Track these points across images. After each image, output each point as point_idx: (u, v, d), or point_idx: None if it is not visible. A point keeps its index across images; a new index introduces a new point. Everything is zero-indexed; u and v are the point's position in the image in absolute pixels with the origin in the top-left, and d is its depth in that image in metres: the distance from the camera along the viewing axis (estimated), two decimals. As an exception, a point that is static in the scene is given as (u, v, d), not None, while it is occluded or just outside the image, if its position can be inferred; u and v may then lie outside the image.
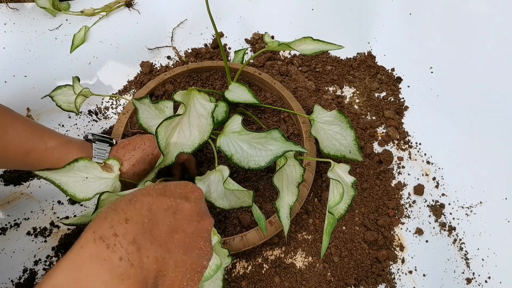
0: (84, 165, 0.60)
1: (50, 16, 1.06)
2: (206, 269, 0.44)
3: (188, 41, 1.10)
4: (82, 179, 0.60)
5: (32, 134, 0.62)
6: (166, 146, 0.61)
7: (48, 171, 0.58)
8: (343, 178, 0.61)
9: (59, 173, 0.58)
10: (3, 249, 0.76)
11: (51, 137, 0.64)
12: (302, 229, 0.79)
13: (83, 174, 0.60)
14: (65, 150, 0.64)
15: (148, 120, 0.71)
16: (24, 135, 0.61)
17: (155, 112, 0.70)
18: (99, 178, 0.61)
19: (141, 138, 0.70)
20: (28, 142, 0.61)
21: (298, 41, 0.68)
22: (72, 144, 0.65)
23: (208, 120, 0.61)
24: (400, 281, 0.77)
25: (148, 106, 0.70)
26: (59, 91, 0.83)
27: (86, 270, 0.33)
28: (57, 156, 0.63)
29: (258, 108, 0.87)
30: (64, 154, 0.64)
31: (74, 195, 0.59)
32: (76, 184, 0.60)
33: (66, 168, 0.58)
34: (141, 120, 0.70)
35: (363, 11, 1.11)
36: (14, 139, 0.60)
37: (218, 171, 0.61)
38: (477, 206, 0.85)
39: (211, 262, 0.53)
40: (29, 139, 0.61)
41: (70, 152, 0.64)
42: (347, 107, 0.99)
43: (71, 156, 0.64)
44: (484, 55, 0.95)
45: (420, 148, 0.93)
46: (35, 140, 0.62)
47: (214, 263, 0.56)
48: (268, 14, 1.15)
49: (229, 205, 0.64)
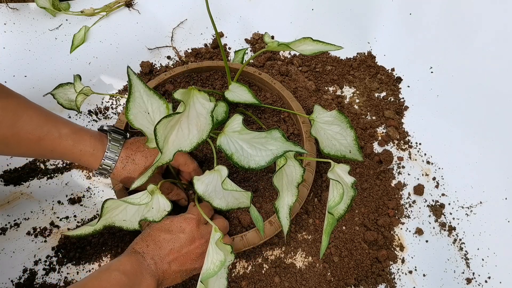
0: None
1: (50, 16, 1.06)
2: (196, 271, 0.64)
3: (188, 41, 1.10)
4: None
5: (45, 121, 0.62)
6: (165, 144, 0.61)
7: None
8: (343, 178, 0.61)
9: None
10: (3, 249, 0.76)
11: (65, 124, 0.64)
12: (302, 229, 0.79)
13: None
14: (78, 137, 0.64)
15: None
16: (37, 122, 0.61)
17: None
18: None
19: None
20: (42, 128, 0.61)
21: (298, 41, 0.68)
22: (85, 132, 0.66)
23: (208, 120, 0.61)
24: (400, 281, 0.77)
25: None
26: (60, 89, 0.83)
27: (136, 264, 0.58)
28: (71, 143, 0.64)
29: (258, 108, 0.87)
30: (77, 141, 0.64)
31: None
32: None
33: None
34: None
35: (363, 11, 1.11)
36: (27, 125, 0.60)
37: (217, 171, 0.61)
38: (477, 206, 0.85)
39: (215, 258, 0.56)
40: (42, 126, 0.62)
41: (83, 139, 0.65)
42: (347, 107, 0.99)
43: (83, 144, 0.64)
44: (484, 55, 0.95)
45: (420, 148, 0.93)
46: (48, 126, 0.62)
47: (218, 259, 0.56)
48: (268, 14, 1.15)
49: (227, 206, 0.63)
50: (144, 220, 0.61)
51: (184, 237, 0.62)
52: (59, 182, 0.85)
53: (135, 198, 0.60)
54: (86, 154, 0.65)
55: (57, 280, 0.74)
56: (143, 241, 0.61)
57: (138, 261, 0.58)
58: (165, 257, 0.60)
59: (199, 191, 0.61)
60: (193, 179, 0.61)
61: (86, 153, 0.65)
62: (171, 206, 0.61)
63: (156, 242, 0.61)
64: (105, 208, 0.59)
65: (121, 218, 0.62)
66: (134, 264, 0.57)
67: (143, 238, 0.62)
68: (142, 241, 0.61)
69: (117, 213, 0.62)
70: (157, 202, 0.61)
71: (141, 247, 0.60)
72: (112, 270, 0.55)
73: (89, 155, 0.65)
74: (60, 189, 0.84)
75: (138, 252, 0.60)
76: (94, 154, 0.65)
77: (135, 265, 0.57)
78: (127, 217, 0.62)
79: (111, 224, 0.62)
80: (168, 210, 0.61)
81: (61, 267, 0.75)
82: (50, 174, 0.86)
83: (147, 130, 0.61)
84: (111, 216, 0.61)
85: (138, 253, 0.59)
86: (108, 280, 0.53)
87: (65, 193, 0.84)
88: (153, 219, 0.61)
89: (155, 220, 0.61)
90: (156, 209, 0.62)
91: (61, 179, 0.85)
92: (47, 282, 0.74)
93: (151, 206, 0.62)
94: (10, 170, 0.85)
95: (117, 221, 0.62)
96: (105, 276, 0.54)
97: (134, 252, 0.60)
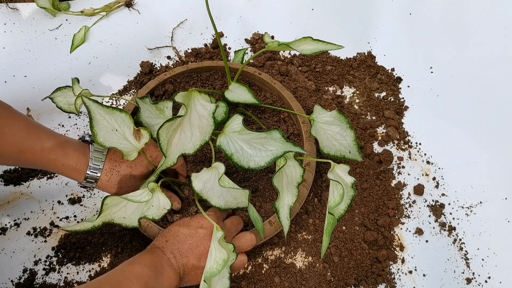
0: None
1: (50, 16, 1.06)
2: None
3: (188, 41, 1.10)
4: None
5: (29, 134, 0.62)
6: (168, 147, 0.61)
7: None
8: (343, 178, 0.61)
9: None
10: (3, 249, 0.76)
11: (49, 137, 0.64)
12: (302, 229, 0.79)
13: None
14: (61, 152, 0.64)
15: (148, 119, 0.71)
16: (20, 134, 0.61)
17: (156, 112, 0.70)
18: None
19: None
20: (24, 141, 0.61)
21: (298, 41, 0.68)
22: (69, 145, 0.65)
23: (209, 121, 0.61)
24: (400, 281, 0.77)
25: (149, 105, 0.70)
26: (59, 92, 0.83)
27: (157, 257, 0.59)
28: (53, 157, 0.63)
29: (258, 108, 0.87)
30: (60, 155, 0.63)
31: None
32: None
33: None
34: (142, 118, 0.70)
35: (363, 11, 1.11)
36: (9, 137, 0.60)
37: (214, 168, 0.61)
38: (477, 206, 0.85)
39: (218, 257, 0.57)
40: (25, 139, 0.61)
41: (66, 153, 0.64)
42: (347, 107, 0.99)
43: (66, 158, 0.64)
44: (484, 55, 0.95)
45: (420, 148, 0.93)
46: (31, 140, 0.62)
47: (221, 258, 0.56)
48: (268, 14, 1.15)
49: (225, 205, 0.63)
50: (144, 218, 0.61)
51: (203, 232, 0.62)
52: (59, 182, 0.85)
53: (135, 196, 0.60)
54: (68, 168, 0.64)
55: (57, 280, 0.74)
56: (162, 237, 0.62)
57: (159, 255, 0.59)
58: (184, 252, 0.60)
59: (197, 188, 0.61)
60: (190, 176, 0.61)
61: (68, 167, 0.64)
62: (171, 204, 0.61)
63: (175, 237, 0.62)
64: (105, 205, 0.59)
65: (120, 215, 0.62)
66: (154, 258, 0.58)
67: (163, 234, 0.63)
68: (162, 237, 0.62)
69: (116, 210, 0.62)
70: (157, 200, 0.61)
71: (160, 242, 0.61)
72: (135, 263, 0.56)
73: (71, 169, 0.65)
74: (60, 189, 0.84)
75: (158, 247, 0.60)
76: (76, 168, 0.65)
77: (156, 259, 0.58)
78: (126, 214, 0.62)
79: (111, 221, 0.61)
80: (168, 209, 0.61)
81: (61, 267, 0.75)
82: (50, 174, 0.86)
83: (120, 146, 0.62)
84: (110, 213, 0.61)
85: (158, 248, 0.60)
86: (131, 271, 0.55)
87: (65, 193, 0.84)
88: (152, 217, 0.61)
89: (154, 219, 0.61)
90: (156, 207, 0.62)
91: (61, 179, 0.85)
92: (47, 282, 0.74)
93: (151, 204, 0.62)
94: (10, 170, 0.85)
95: (117, 218, 0.62)
96: (128, 269, 0.55)
97: (154, 247, 0.61)
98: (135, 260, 0.58)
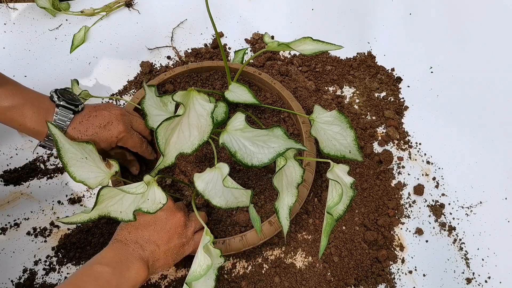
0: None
1: (50, 16, 1.06)
2: (185, 248, 0.64)
3: (188, 41, 1.10)
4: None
5: None
6: (166, 146, 0.61)
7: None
8: (342, 178, 0.61)
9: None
10: (3, 249, 0.76)
11: (8, 96, 0.62)
12: (302, 229, 0.79)
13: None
14: (19, 113, 0.62)
15: (150, 108, 0.71)
16: None
17: (159, 103, 0.71)
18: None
19: (110, 114, 0.69)
20: None
21: (298, 41, 0.68)
22: (27, 107, 0.63)
23: (208, 121, 0.61)
24: (400, 281, 0.77)
25: (154, 94, 0.71)
26: None
27: (119, 252, 0.58)
28: (9, 117, 0.62)
29: (258, 108, 0.87)
30: (17, 116, 0.62)
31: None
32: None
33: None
34: (144, 105, 0.71)
35: (363, 11, 1.11)
36: None
37: (218, 168, 0.61)
38: (477, 206, 0.85)
39: (202, 262, 0.57)
40: None
41: (24, 116, 0.62)
42: (347, 107, 0.99)
43: (24, 119, 0.62)
44: (484, 55, 0.95)
45: (420, 148, 0.93)
46: None
47: (205, 263, 0.56)
48: (268, 14, 1.15)
49: (226, 204, 0.63)
50: (139, 210, 0.60)
51: (163, 213, 0.62)
52: (59, 182, 0.85)
53: (131, 188, 0.59)
54: (25, 129, 0.63)
55: (57, 280, 0.74)
56: (123, 230, 0.61)
57: (122, 249, 0.58)
58: (149, 238, 0.60)
59: (199, 188, 0.61)
60: (193, 176, 0.61)
61: (25, 128, 0.63)
62: (167, 199, 0.61)
63: (137, 226, 0.61)
64: (100, 196, 0.57)
65: (117, 209, 0.61)
66: (117, 253, 0.57)
67: (122, 227, 0.62)
68: (123, 230, 0.61)
69: (113, 203, 0.61)
70: (152, 194, 0.61)
71: (123, 235, 0.60)
72: (93, 264, 0.55)
73: (28, 130, 0.63)
74: (60, 189, 0.84)
75: (121, 240, 0.59)
76: (35, 129, 0.63)
77: (118, 254, 0.57)
78: (123, 208, 0.61)
79: (107, 214, 0.60)
80: (164, 203, 0.61)
81: (61, 267, 0.75)
82: (50, 174, 0.86)
83: (91, 175, 0.60)
84: (107, 206, 0.60)
85: (121, 241, 0.59)
86: (90, 274, 0.53)
87: (65, 193, 0.84)
88: (147, 210, 0.60)
89: (149, 212, 0.60)
90: (151, 200, 0.61)
91: (61, 179, 0.85)
92: (47, 282, 0.74)
93: (147, 197, 0.61)
94: (10, 170, 0.85)
95: (113, 211, 0.61)
96: (86, 270, 0.54)
97: (116, 242, 0.60)
98: (95, 260, 0.56)
